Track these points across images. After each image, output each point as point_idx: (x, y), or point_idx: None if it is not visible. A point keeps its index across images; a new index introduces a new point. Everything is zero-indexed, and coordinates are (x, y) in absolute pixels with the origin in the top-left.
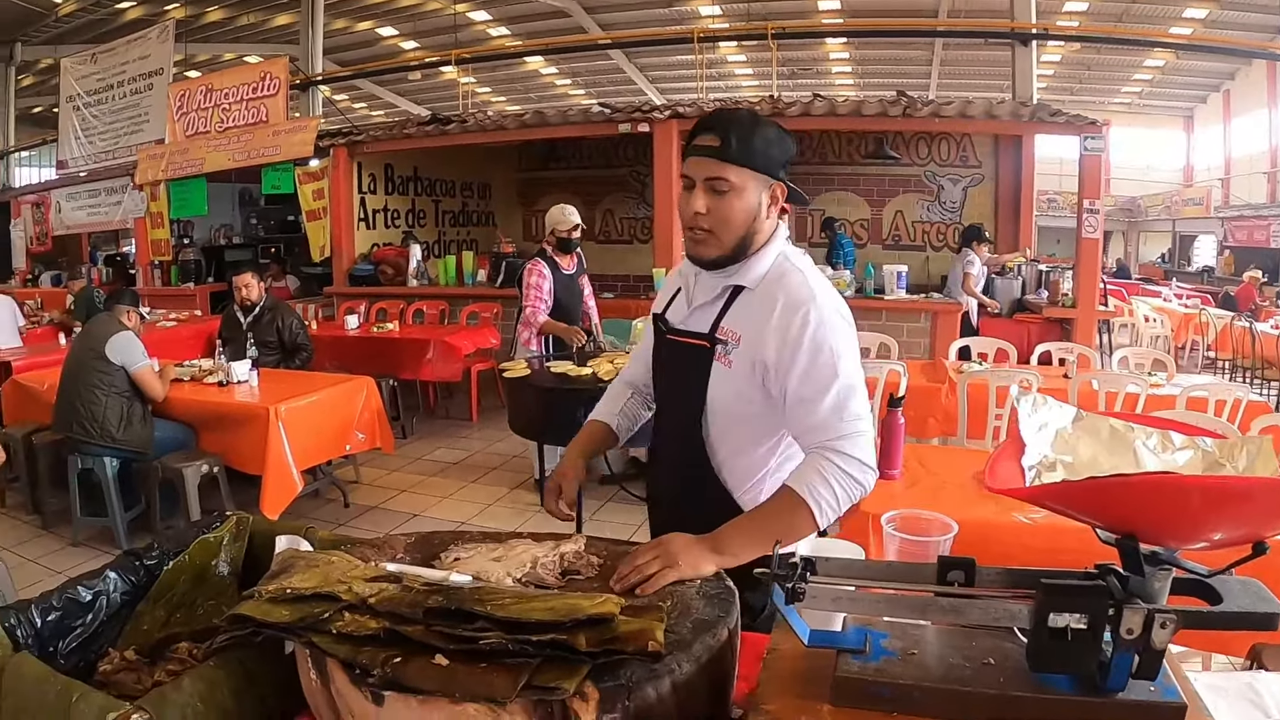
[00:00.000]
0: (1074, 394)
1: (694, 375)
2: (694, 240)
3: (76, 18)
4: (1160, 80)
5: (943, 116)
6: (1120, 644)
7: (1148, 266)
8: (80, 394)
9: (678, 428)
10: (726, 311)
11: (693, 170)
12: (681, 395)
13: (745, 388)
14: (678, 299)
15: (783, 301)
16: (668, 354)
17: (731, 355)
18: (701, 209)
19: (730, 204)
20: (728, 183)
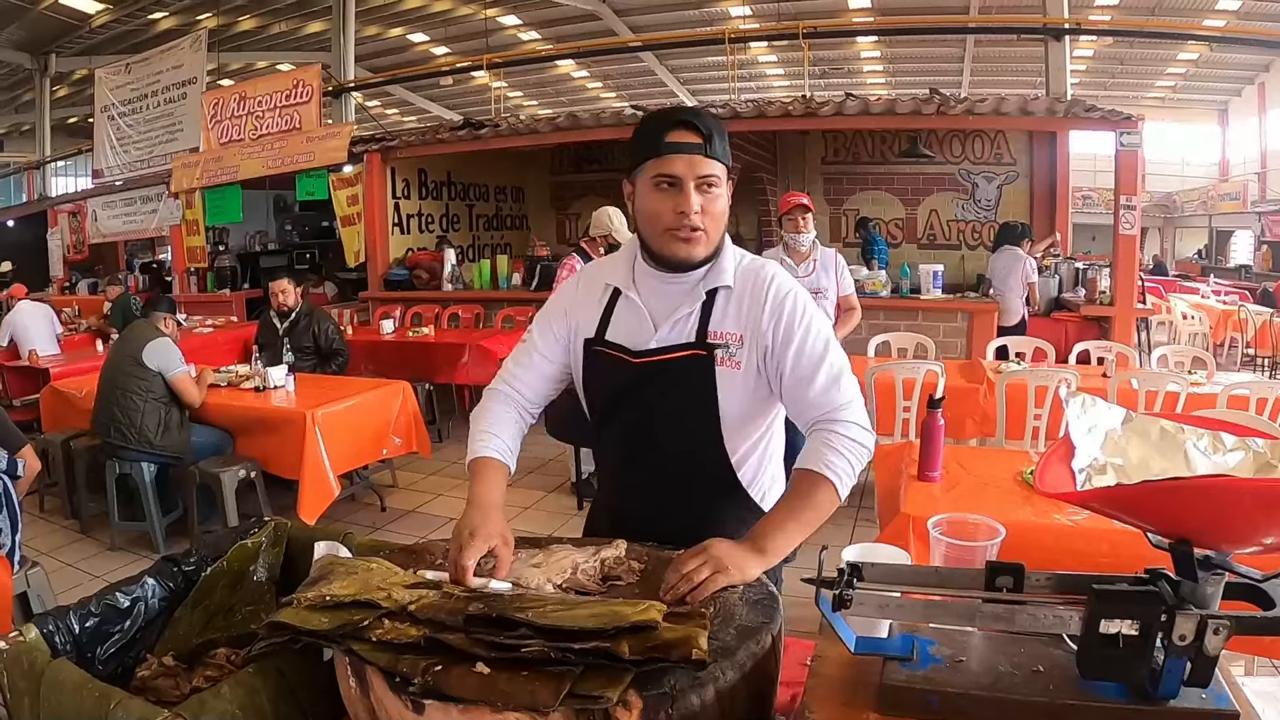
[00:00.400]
0: (1113, 393)
1: (698, 390)
2: (684, 240)
3: (110, 29)
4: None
5: (977, 114)
6: (1172, 650)
7: (1184, 263)
8: (118, 400)
9: (686, 445)
10: (710, 314)
11: (680, 168)
12: (686, 414)
13: (757, 384)
14: (618, 319)
15: (770, 291)
16: (643, 378)
17: (738, 356)
18: (696, 207)
19: (719, 201)
20: (717, 179)
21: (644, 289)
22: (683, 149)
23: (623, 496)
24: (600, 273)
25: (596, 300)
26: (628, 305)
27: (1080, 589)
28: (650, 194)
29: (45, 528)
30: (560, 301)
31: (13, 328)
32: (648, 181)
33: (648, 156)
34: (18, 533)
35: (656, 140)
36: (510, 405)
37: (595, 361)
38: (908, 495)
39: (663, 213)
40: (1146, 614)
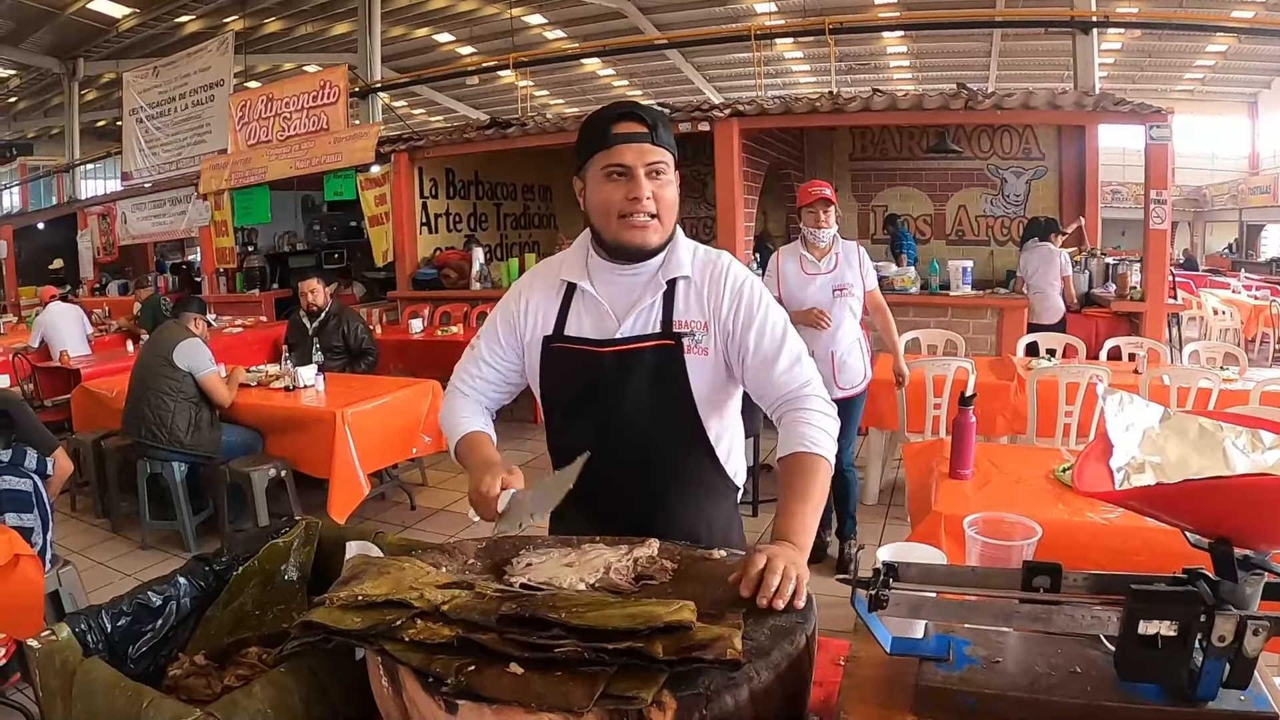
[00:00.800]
0: (1145, 390)
1: (671, 378)
2: (637, 227)
3: (137, 33)
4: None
5: (1005, 108)
6: (1211, 652)
7: (1214, 258)
8: (149, 400)
9: (666, 431)
10: (672, 304)
11: (630, 157)
12: (662, 401)
13: (724, 367)
14: (576, 314)
15: (728, 278)
16: (614, 369)
17: (704, 343)
18: (648, 193)
19: (669, 188)
20: (665, 166)
21: (600, 282)
22: (630, 139)
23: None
24: (550, 270)
25: (551, 297)
26: (585, 299)
27: (1118, 589)
28: (602, 185)
29: (77, 527)
30: (507, 307)
31: (44, 329)
32: (598, 174)
33: (596, 150)
34: (49, 532)
35: (604, 133)
36: (473, 400)
37: (557, 358)
38: (939, 493)
39: (615, 201)
40: (1185, 615)
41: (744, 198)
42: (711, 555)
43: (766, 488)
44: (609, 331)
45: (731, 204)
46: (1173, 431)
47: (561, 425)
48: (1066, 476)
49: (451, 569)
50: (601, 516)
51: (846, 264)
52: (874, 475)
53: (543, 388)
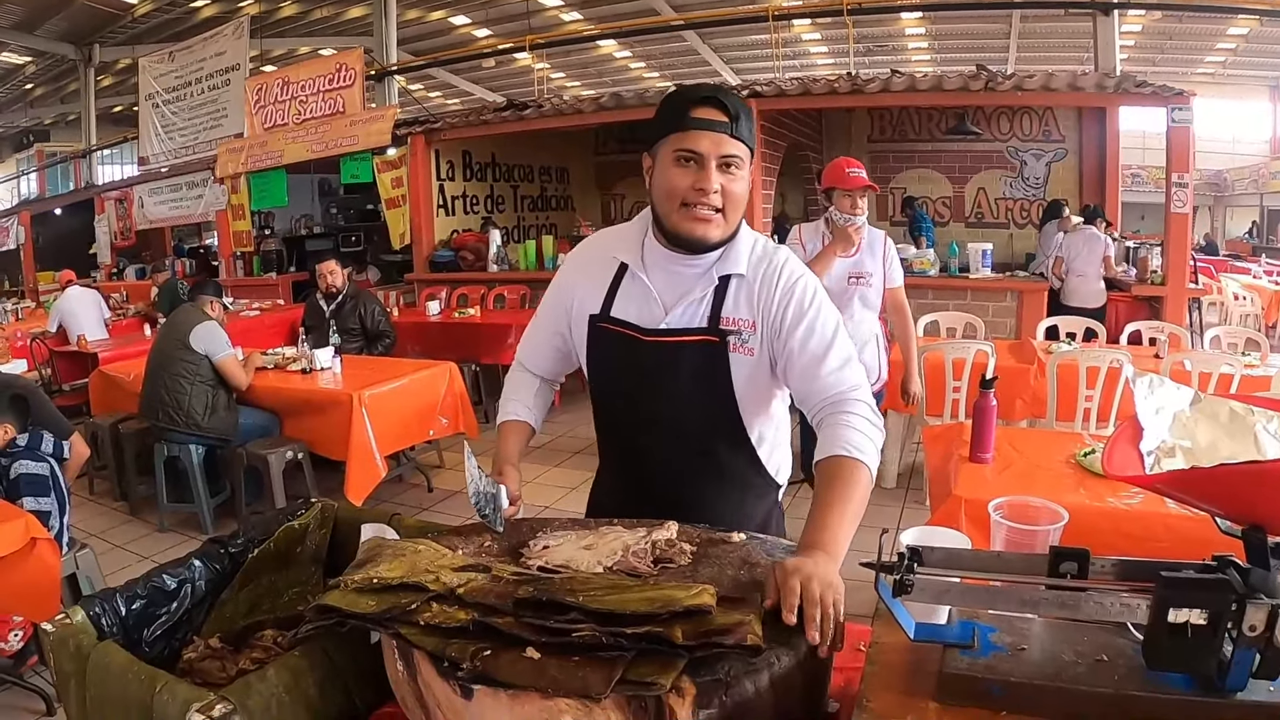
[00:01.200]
0: (1166, 374)
1: (713, 374)
2: (699, 220)
3: (152, 18)
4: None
5: (1025, 90)
6: (1241, 641)
7: (1235, 242)
8: (166, 383)
9: (704, 424)
10: (723, 300)
11: (705, 145)
12: (702, 396)
13: (769, 367)
14: (625, 296)
15: (782, 275)
16: (655, 358)
17: (750, 343)
18: (716, 186)
19: (740, 183)
20: (740, 160)
21: (653, 268)
22: (708, 125)
23: (635, 472)
24: (606, 245)
25: (602, 274)
26: (635, 283)
27: (1147, 576)
28: (670, 168)
29: (95, 510)
30: (564, 277)
31: (62, 313)
32: (669, 155)
33: (671, 130)
34: (66, 515)
35: (681, 114)
36: (528, 377)
37: (602, 338)
38: (959, 477)
39: (681, 188)
40: (1216, 603)
41: (762, 179)
42: (730, 538)
43: None
44: (655, 320)
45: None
46: (1203, 415)
47: (604, 408)
48: (1087, 461)
49: (467, 551)
50: (639, 511)
51: (869, 252)
52: (892, 458)
53: (587, 366)
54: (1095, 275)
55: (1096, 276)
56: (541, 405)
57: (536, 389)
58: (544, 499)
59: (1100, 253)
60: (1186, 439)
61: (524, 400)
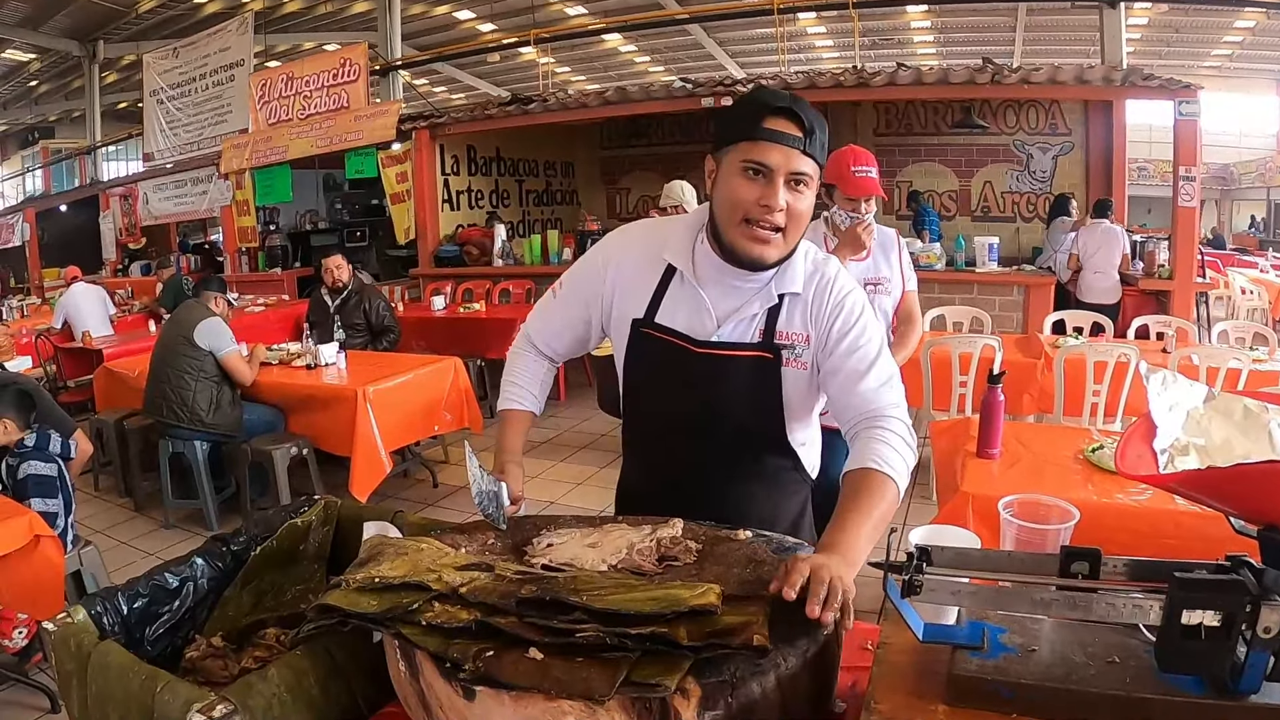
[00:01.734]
0: (1174, 369)
1: (765, 388)
2: (759, 240)
3: (156, 14)
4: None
5: (1032, 83)
6: (1256, 644)
7: (1242, 236)
8: (170, 379)
9: (747, 430)
10: (778, 316)
11: (775, 159)
12: (750, 407)
13: (818, 379)
14: (673, 301)
15: (833, 289)
16: (705, 370)
17: (804, 357)
18: (782, 204)
19: (805, 201)
20: (810, 179)
21: (707, 279)
22: (782, 139)
23: (670, 474)
24: (654, 242)
25: (648, 274)
26: (685, 289)
27: (1159, 576)
28: (735, 178)
29: (100, 506)
30: (592, 270)
31: (66, 310)
32: (735, 164)
33: (741, 138)
34: (71, 514)
35: (755, 123)
36: (531, 357)
37: (644, 343)
38: (967, 473)
39: (745, 202)
40: (1230, 604)
41: None
42: (736, 535)
43: None
44: (706, 332)
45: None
46: (1217, 412)
47: (640, 412)
48: (1095, 457)
49: (470, 550)
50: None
51: (882, 254)
52: None
53: (625, 370)
54: (1113, 271)
55: (1114, 272)
56: (544, 391)
57: (543, 373)
58: (550, 494)
59: (1119, 249)
60: (1200, 437)
61: (528, 386)
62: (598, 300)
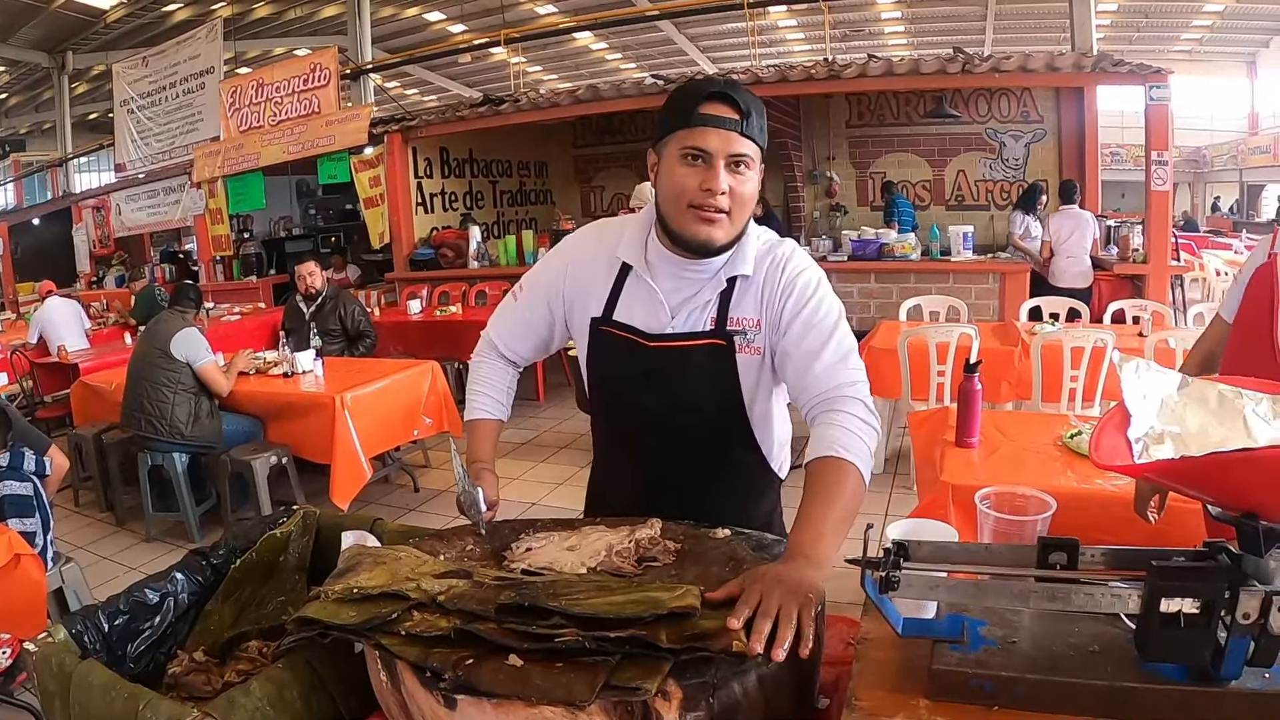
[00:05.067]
0: (1150, 352)
1: (721, 377)
2: (705, 221)
3: (125, 23)
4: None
5: (1003, 71)
6: (1235, 629)
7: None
8: (147, 392)
9: (710, 424)
10: (728, 302)
11: (713, 143)
12: (709, 398)
13: (771, 364)
14: (628, 298)
15: (785, 268)
16: (660, 364)
17: (756, 341)
18: (724, 187)
19: (750, 184)
20: (750, 160)
21: (659, 271)
22: (717, 123)
23: (639, 473)
24: (608, 242)
25: (605, 274)
26: (639, 285)
27: (1137, 564)
28: (676, 167)
29: (81, 522)
30: (550, 273)
31: (41, 324)
32: (675, 153)
33: (678, 126)
34: (50, 532)
35: (689, 110)
36: (495, 362)
37: (604, 341)
38: (946, 462)
39: (688, 188)
40: (1209, 591)
41: None
42: (715, 534)
43: None
44: (660, 325)
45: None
46: (1192, 399)
47: (607, 410)
48: (1074, 443)
49: (449, 556)
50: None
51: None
52: (879, 444)
53: (589, 370)
54: (1085, 256)
55: (1086, 257)
56: (510, 396)
57: (508, 379)
58: (531, 495)
59: (1090, 233)
60: (1175, 424)
61: (494, 395)
62: (560, 300)
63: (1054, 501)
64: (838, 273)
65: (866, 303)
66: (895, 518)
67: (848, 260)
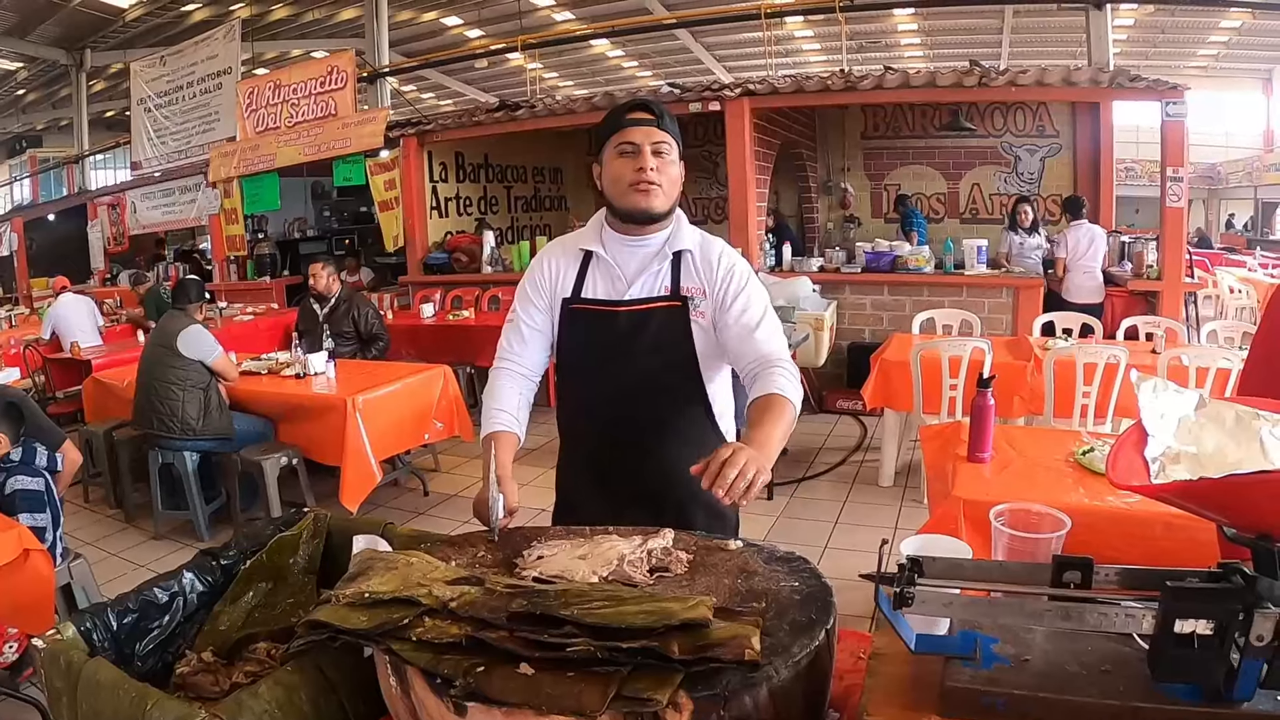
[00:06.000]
0: (1163, 370)
1: (679, 338)
2: (644, 192)
3: (143, 22)
4: (1237, 41)
5: (1019, 85)
6: (1249, 651)
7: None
8: (158, 390)
9: (671, 389)
10: (679, 272)
11: (638, 136)
12: (669, 360)
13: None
14: (592, 278)
15: (722, 258)
16: (628, 328)
17: (702, 308)
18: (652, 166)
19: (673, 167)
20: (669, 148)
21: (614, 249)
22: (640, 122)
23: (605, 444)
24: (571, 242)
25: (571, 264)
26: (599, 265)
27: (1152, 585)
28: (614, 161)
29: (90, 518)
30: (535, 273)
31: (55, 320)
32: (612, 151)
33: (612, 133)
34: (59, 527)
35: (617, 120)
36: (513, 378)
37: (576, 319)
38: (958, 477)
39: (625, 173)
40: (1223, 613)
41: (756, 177)
42: (727, 545)
43: (782, 470)
44: (621, 293)
45: (743, 184)
46: (1209, 419)
47: (576, 385)
48: (1086, 459)
49: (461, 563)
50: (607, 474)
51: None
52: (889, 457)
53: (560, 349)
54: (1097, 271)
55: (1099, 272)
56: (527, 412)
57: (523, 394)
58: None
59: (1102, 248)
60: (1192, 444)
61: (511, 410)
62: (546, 289)
63: (1068, 520)
64: (850, 284)
65: (879, 315)
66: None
67: (861, 272)
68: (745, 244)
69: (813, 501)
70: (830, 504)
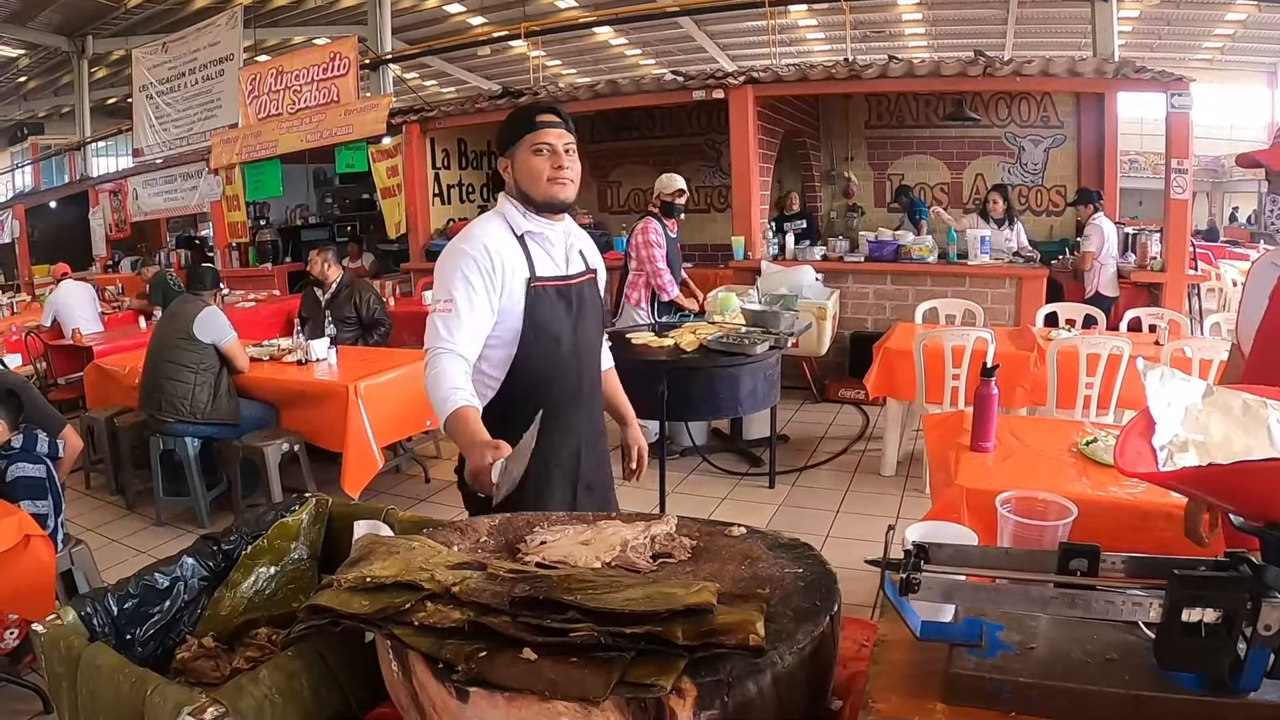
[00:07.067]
0: (1166, 361)
1: (599, 308)
2: (562, 185)
3: (145, 9)
4: (1242, 34)
5: (1024, 75)
6: (1256, 641)
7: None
8: (169, 374)
9: (594, 356)
10: (583, 254)
11: (551, 138)
12: (595, 329)
13: None
14: (536, 258)
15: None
16: (577, 299)
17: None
18: (566, 164)
19: (576, 162)
20: (574, 145)
21: (541, 235)
22: (553, 125)
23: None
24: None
25: (514, 248)
26: (536, 248)
27: (1158, 573)
28: (531, 159)
29: (91, 504)
30: (479, 262)
31: (56, 307)
32: (527, 151)
33: (526, 133)
34: (60, 514)
35: (529, 122)
36: (454, 359)
37: (540, 296)
38: (961, 466)
39: (544, 169)
40: (1231, 602)
41: (759, 165)
42: (730, 531)
43: (784, 458)
44: (559, 270)
45: (746, 172)
46: (1216, 408)
47: (541, 356)
48: (1089, 450)
49: (463, 548)
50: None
51: None
52: (891, 446)
53: (525, 326)
54: (1112, 264)
55: (1113, 263)
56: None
57: (468, 374)
58: None
59: (1116, 240)
60: (1199, 433)
61: (466, 387)
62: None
63: (1075, 508)
64: (854, 273)
65: (882, 304)
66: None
67: (864, 261)
68: (748, 232)
69: (814, 490)
70: (832, 493)
